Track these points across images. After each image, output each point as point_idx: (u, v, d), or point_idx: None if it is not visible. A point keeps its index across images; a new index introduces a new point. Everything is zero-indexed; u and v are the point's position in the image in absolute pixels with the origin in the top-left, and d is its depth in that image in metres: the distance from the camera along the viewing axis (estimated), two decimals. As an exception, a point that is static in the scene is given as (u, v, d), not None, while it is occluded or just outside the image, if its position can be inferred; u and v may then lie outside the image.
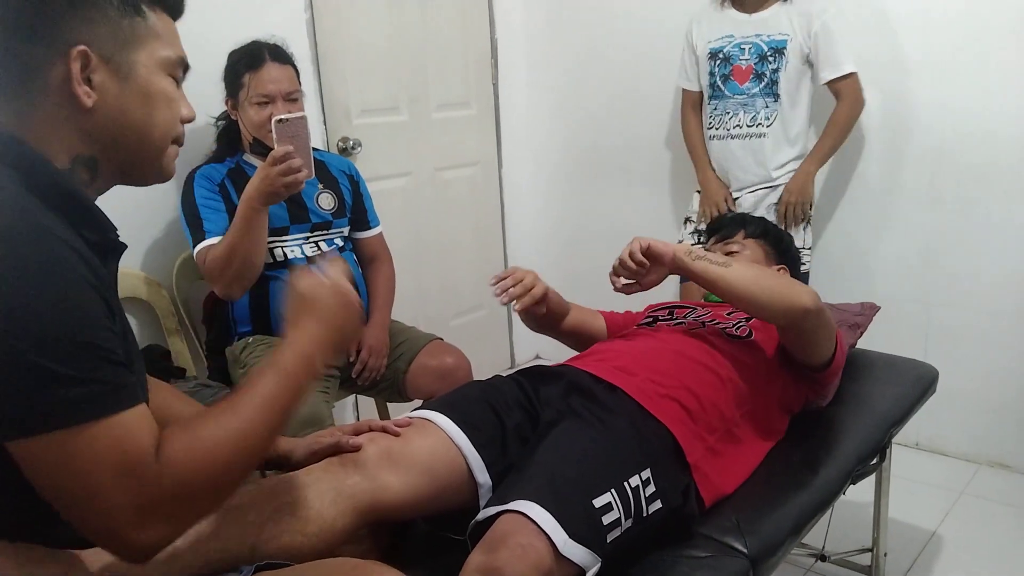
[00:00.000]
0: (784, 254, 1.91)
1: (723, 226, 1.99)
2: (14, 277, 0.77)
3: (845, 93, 2.39)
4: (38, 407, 0.77)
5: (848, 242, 2.72)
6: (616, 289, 1.59)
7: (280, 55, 2.03)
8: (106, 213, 0.95)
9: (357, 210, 2.24)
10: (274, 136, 1.78)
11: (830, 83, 2.40)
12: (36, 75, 0.87)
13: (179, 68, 0.97)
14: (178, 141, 0.98)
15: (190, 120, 1.00)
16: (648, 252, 1.51)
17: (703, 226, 2.58)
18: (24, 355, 0.76)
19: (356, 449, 1.23)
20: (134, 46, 0.91)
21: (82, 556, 0.93)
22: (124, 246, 0.98)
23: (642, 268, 1.52)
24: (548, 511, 1.10)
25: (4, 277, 0.77)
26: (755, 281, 1.48)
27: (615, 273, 1.56)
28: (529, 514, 1.09)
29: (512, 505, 1.11)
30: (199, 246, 1.96)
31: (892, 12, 2.48)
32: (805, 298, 1.44)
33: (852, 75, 2.37)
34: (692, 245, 2.56)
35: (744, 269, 1.51)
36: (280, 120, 1.77)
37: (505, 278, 1.61)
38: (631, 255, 1.52)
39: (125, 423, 0.82)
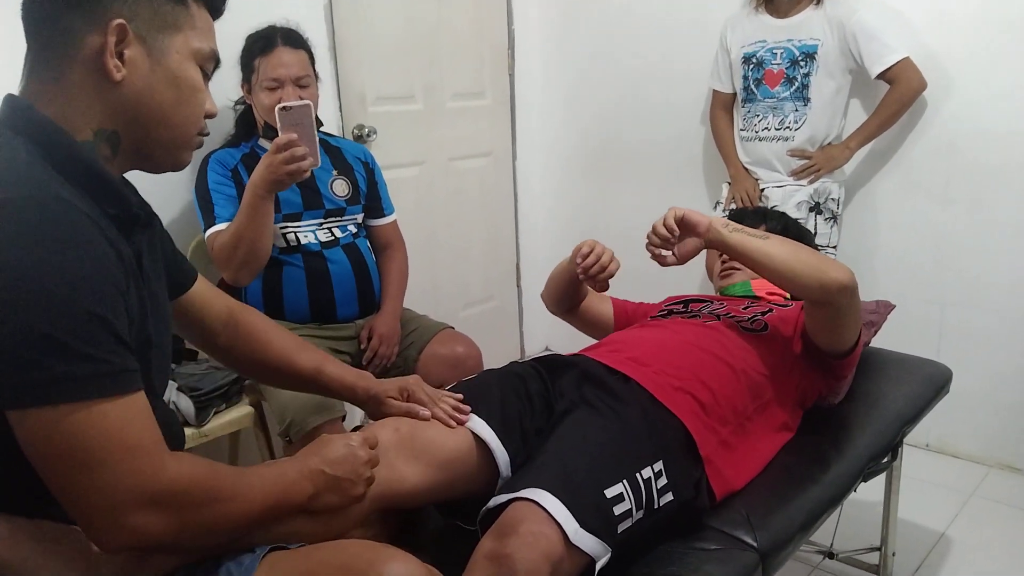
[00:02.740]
0: None
1: (744, 219, 1.97)
2: (32, 248, 0.78)
3: (894, 79, 2.38)
4: (49, 379, 0.78)
5: (863, 240, 2.70)
6: (653, 257, 1.55)
7: (293, 39, 2.03)
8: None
9: (371, 197, 2.24)
10: (278, 123, 1.77)
11: (881, 76, 2.38)
12: (71, 43, 0.89)
13: (210, 62, 0.99)
14: (202, 132, 1.00)
15: (213, 115, 1.01)
16: (682, 222, 1.48)
17: (733, 205, 2.59)
18: (37, 326, 0.77)
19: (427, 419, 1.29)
20: (171, 31, 0.93)
21: None
22: (151, 215, 0.99)
23: (672, 236, 1.49)
24: (559, 500, 1.09)
25: (22, 248, 0.77)
26: (794, 254, 1.47)
27: (649, 243, 1.53)
28: (540, 502, 1.09)
29: (523, 493, 1.11)
30: (209, 231, 1.96)
31: (909, 12, 2.46)
32: (842, 274, 1.44)
33: (900, 62, 2.35)
34: (724, 216, 2.56)
35: (781, 242, 1.50)
36: (284, 108, 1.77)
37: (588, 257, 1.60)
38: (663, 222, 1.49)
39: (133, 405, 0.84)
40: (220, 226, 1.95)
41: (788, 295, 1.83)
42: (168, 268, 1.12)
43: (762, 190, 2.56)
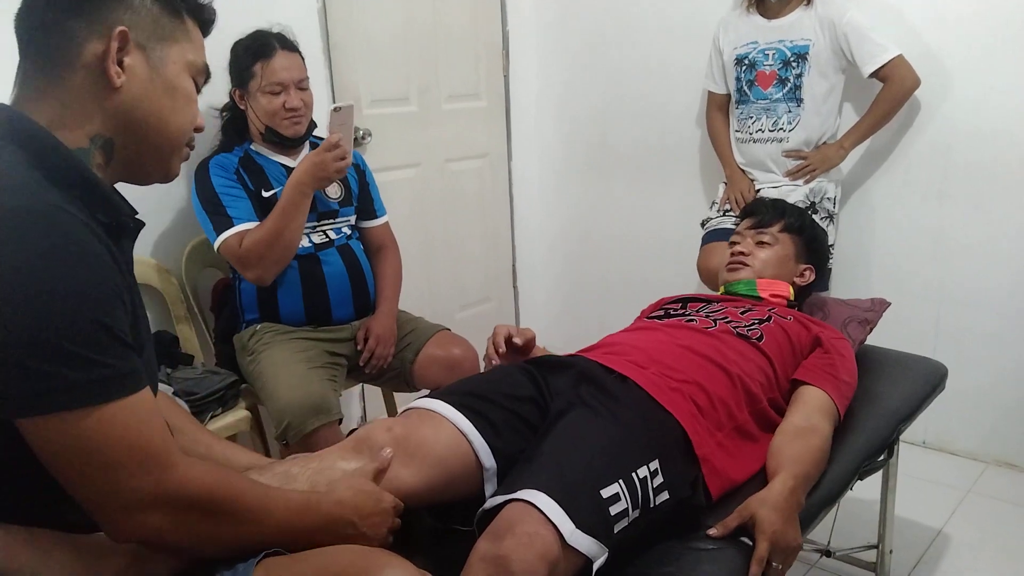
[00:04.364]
0: (814, 253, 1.90)
1: (761, 211, 1.93)
2: (34, 257, 0.78)
3: (888, 77, 2.38)
4: (57, 387, 0.79)
5: (859, 239, 2.70)
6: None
7: (288, 43, 2.05)
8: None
9: (363, 199, 2.25)
10: (328, 124, 1.90)
11: (874, 75, 2.38)
12: (71, 49, 0.89)
13: (202, 75, 1.01)
14: (190, 145, 1.02)
15: (201, 129, 1.03)
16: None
17: (728, 206, 2.59)
18: (44, 336, 0.78)
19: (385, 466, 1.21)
20: (169, 42, 0.95)
21: (90, 541, 0.94)
22: (140, 224, 1.00)
23: None
24: (555, 500, 1.09)
25: (24, 258, 0.78)
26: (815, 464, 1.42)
27: None
28: (536, 503, 1.09)
29: (519, 494, 1.11)
30: (226, 233, 1.96)
31: (905, 11, 2.47)
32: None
33: (893, 60, 2.35)
34: (719, 216, 2.55)
35: (803, 453, 1.41)
36: (336, 109, 1.90)
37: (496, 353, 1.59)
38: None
39: (139, 405, 0.85)
40: (241, 226, 1.96)
41: (791, 297, 1.83)
42: None
43: (758, 191, 2.56)
